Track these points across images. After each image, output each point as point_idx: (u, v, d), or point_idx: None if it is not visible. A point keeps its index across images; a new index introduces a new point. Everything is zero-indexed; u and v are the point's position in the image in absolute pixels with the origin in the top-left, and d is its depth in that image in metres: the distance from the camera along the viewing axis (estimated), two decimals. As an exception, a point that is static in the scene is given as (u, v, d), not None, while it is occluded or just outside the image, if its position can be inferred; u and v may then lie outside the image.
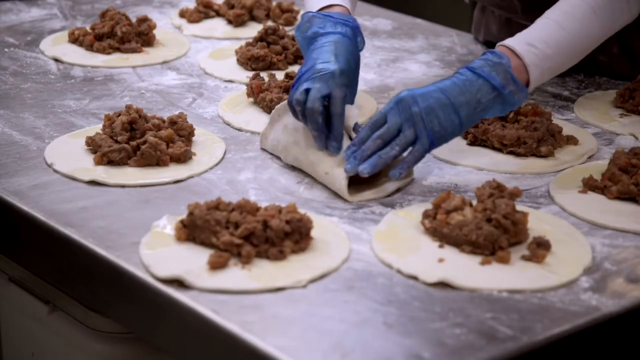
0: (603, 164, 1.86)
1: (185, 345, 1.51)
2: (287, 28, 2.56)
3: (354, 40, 1.89)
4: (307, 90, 1.79)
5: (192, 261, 1.55)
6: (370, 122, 1.76)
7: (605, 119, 2.10)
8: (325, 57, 1.83)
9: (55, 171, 1.84)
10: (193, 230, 1.59)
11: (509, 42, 1.81)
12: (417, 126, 1.73)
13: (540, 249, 1.58)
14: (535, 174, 1.87)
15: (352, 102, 1.85)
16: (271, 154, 1.92)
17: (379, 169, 1.74)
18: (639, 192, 1.75)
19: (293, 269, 1.55)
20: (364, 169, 1.73)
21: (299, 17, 2.68)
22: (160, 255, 1.57)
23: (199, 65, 2.37)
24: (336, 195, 1.78)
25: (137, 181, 1.81)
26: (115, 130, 1.88)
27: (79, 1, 2.81)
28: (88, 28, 2.45)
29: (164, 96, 2.19)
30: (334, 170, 1.77)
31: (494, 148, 1.95)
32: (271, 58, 2.30)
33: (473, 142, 1.96)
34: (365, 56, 2.42)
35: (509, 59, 1.78)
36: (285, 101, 1.87)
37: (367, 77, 2.31)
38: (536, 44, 1.80)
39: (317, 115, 1.78)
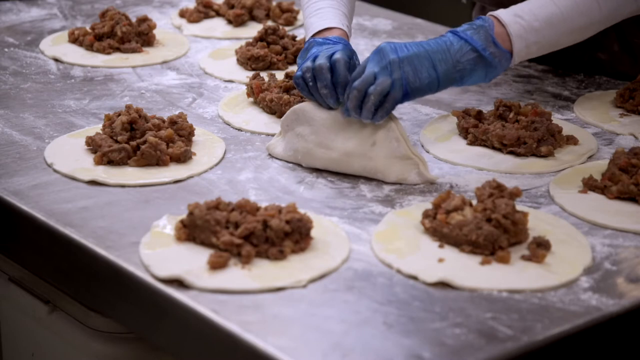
0: (603, 164, 1.86)
1: (185, 345, 1.51)
2: (287, 28, 2.56)
3: (350, 59, 1.89)
4: (314, 60, 1.84)
5: (192, 261, 1.55)
6: (352, 76, 1.80)
7: (605, 118, 2.10)
8: (325, 49, 1.87)
9: (55, 171, 1.84)
10: (193, 230, 1.59)
11: (498, 11, 1.83)
12: (393, 74, 1.75)
13: (540, 249, 1.58)
14: (535, 174, 1.87)
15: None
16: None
17: (373, 115, 1.78)
18: (639, 192, 1.75)
19: (293, 269, 1.55)
20: (365, 119, 1.79)
21: (298, 17, 2.68)
22: (160, 255, 1.57)
23: (199, 65, 2.37)
24: (336, 195, 1.78)
25: (137, 181, 1.81)
26: (115, 130, 1.88)
27: (79, 1, 2.81)
28: (88, 28, 2.45)
29: (164, 96, 2.19)
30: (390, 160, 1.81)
31: (494, 148, 1.95)
32: (271, 58, 2.30)
33: (473, 142, 1.96)
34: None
35: (494, 25, 1.79)
36: (291, 109, 1.88)
37: (367, 77, 2.31)
38: (524, 16, 1.81)
39: (326, 72, 1.82)
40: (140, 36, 2.42)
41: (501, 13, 1.82)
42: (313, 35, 1.96)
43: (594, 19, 1.87)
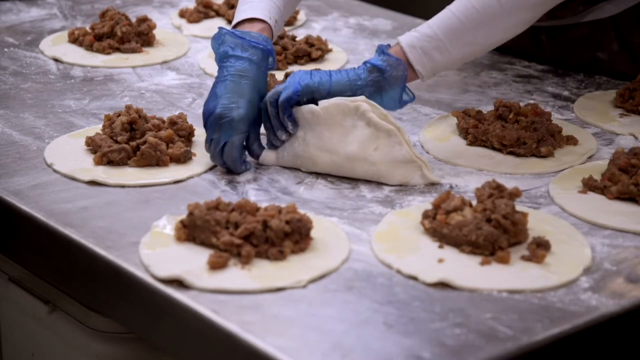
0: (603, 164, 1.86)
1: (185, 345, 1.51)
2: (287, 28, 2.56)
3: (262, 65, 1.88)
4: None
5: (192, 261, 1.55)
6: None
7: (605, 119, 2.10)
8: (227, 100, 1.83)
9: (55, 171, 1.84)
10: (193, 230, 1.59)
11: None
12: (287, 82, 1.83)
13: (540, 249, 1.58)
14: (535, 174, 1.87)
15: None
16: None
17: (278, 123, 1.83)
18: (639, 192, 1.75)
19: (293, 269, 1.55)
20: (280, 133, 1.85)
21: (298, 17, 2.68)
22: (160, 255, 1.57)
23: (198, 65, 2.37)
24: (336, 195, 1.78)
25: (137, 181, 1.81)
26: (115, 130, 1.88)
27: (79, 1, 2.81)
28: (88, 28, 2.45)
29: (164, 96, 2.19)
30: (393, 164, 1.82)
31: (494, 148, 1.95)
32: (271, 58, 2.30)
33: (473, 143, 1.96)
34: (366, 56, 2.42)
35: (389, 45, 1.86)
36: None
37: (367, 77, 2.31)
38: (418, 29, 1.85)
39: (231, 162, 1.83)
40: (140, 36, 2.42)
41: (401, 35, 1.87)
42: (234, 26, 1.94)
43: (495, 12, 1.84)
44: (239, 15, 1.95)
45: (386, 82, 1.83)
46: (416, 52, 1.84)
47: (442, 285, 1.52)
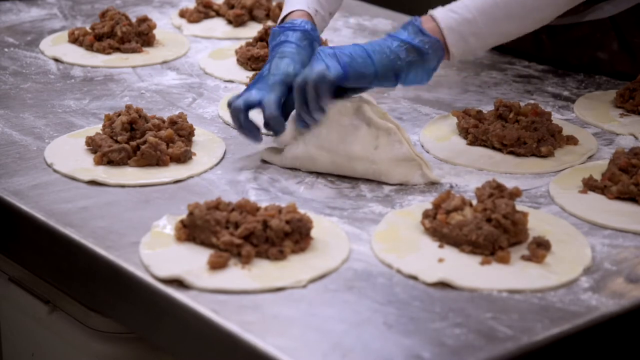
0: (603, 164, 1.86)
1: (185, 345, 1.51)
2: (287, 28, 2.56)
3: (307, 46, 1.90)
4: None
5: (192, 261, 1.55)
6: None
7: (605, 119, 2.10)
8: (260, 74, 1.87)
9: (55, 171, 1.84)
10: (193, 230, 1.59)
11: (435, 9, 1.85)
12: (327, 59, 1.79)
13: (540, 249, 1.58)
14: (535, 174, 1.87)
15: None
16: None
17: (319, 106, 1.80)
18: (639, 192, 1.75)
19: (293, 269, 1.55)
20: (317, 115, 1.81)
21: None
22: (160, 255, 1.57)
23: (199, 65, 2.37)
24: (336, 195, 1.78)
25: (137, 181, 1.81)
26: (115, 130, 1.88)
27: (79, 1, 2.81)
28: (88, 28, 2.45)
29: (164, 96, 2.19)
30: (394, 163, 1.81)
31: (494, 148, 1.95)
32: (271, 58, 2.30)
33: (473, 142, 1.96)
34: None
35: (422, 20, 1.83)
36: (291, 117, 1.87)
37: (367, 77, 2.31)
38: (457, 10, 1.83)
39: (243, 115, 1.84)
40: (140, 36, 2.42)
41: (436, 10, 1.84)
42: (282, 20, 1.98)
43: (533, 5, 1.86)
44: (282, 13, 2.00)
45: (423, 61, 1.82)
46: (454, 36, 1.82)
47: (442, 285, 1.52)
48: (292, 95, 1.83)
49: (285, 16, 1.98)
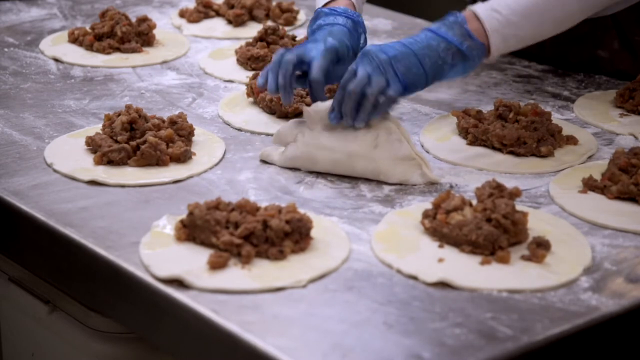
0: (603, 164, 1.86)
1: (185, 345, 1.51)
2: (287, 28, 2.56)
3: (354, 31, 1.94)
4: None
5: (192, 261, 1.55)
6: (342, 81, 1.81)
7: (605, 118, 2.10)
8: (313, 38, 1.90)
9: (55, 171, 1.84)
10: (193, 230, 1.59)
11: (476, 5, 1.84)
12: (387, 73, 1.78)
13: (540, 249, 1.58)
14: (535, 174, 1.87)
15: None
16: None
17: (368, 118, 1.79)
18: (639, 192, 1.75)
19: (293, 269, 1.55)
20: (359, 124, 1.79)
21: (298, 17, 2.68)
22: (160, 255, 1.57)
23: (198, 65, 2.37)
24: (336, 195, 1.78)
25: (137, 181, 1.81)
26: (115, 130, 1.88)
27: (79, 1, 2.81)
28: (88, 28, 2.45)
29: (163, 96, 2.19)
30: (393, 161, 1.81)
31: (494, 148, 1.94)
32: (271, 58, 2.30)
33: (473, 142, 1.96)
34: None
35: (466, 19, 1.82)
36: (281, 127, 1.88)
37: (367, 77, 2.31)
38: (501, 10, 1.82)
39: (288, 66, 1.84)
40: (140, 36, 2.42)
41: (478, 8, 1.83)
42: (323, 6, 2.01)
43: (573, 8, 1.88)
44: (320, 1, 2.03)
45: (465, 64, 1.82)
46: (498, 38, 1.82)
47: (442, 285, 1.52)
48: (338, 67, 1.86)
49: (328, 2, 2.00)
